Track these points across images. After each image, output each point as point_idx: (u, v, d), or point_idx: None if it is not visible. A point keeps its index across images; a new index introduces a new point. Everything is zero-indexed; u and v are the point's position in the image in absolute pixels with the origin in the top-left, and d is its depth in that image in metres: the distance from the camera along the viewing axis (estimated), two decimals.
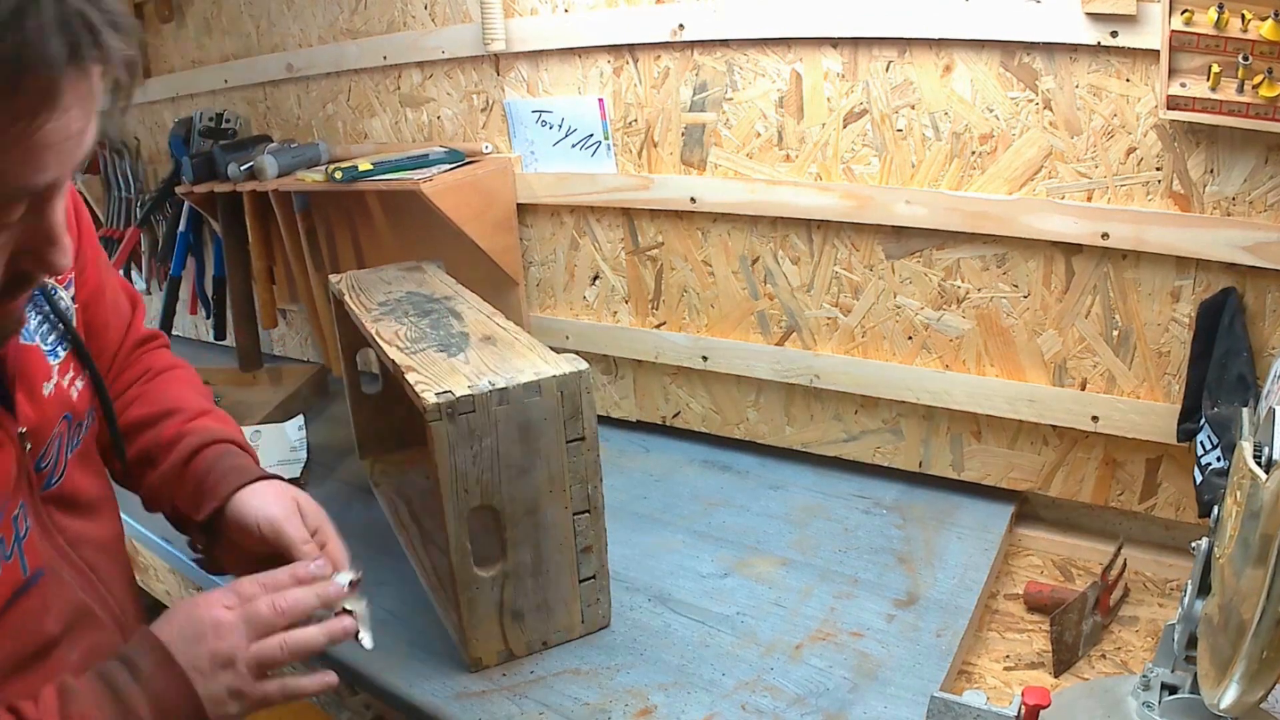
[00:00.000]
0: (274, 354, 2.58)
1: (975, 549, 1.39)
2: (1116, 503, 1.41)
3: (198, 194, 2.06)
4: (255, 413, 2.05)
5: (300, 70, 2.08)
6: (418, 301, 1.42)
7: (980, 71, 1.30)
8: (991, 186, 1.35)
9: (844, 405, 1.61)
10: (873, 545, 1.42)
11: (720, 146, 1.56)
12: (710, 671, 1.16)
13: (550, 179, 1.77)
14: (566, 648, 1.22)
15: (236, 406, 2.14)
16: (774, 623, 1.25)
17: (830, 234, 1.51)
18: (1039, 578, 1.40)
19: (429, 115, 1.91)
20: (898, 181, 1.42)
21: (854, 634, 1.22)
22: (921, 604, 1.27)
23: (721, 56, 1.50)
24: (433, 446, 1.06)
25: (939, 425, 1.53)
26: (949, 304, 1.44)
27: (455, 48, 1.77)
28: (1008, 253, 1.37)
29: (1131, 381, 1.33)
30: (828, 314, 1.56)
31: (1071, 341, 1.36)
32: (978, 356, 1.45)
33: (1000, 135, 1.32)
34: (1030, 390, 1.40)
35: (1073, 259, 1.32)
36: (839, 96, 1.42)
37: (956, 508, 1.51)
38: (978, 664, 1.23)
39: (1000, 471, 1.50)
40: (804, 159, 1.48)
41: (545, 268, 1.87)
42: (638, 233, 1.72)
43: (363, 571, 0.98)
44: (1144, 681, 1.03)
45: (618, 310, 1.81)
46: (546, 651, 1.21)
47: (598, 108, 1.66)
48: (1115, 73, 1.21)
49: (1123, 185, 1.25)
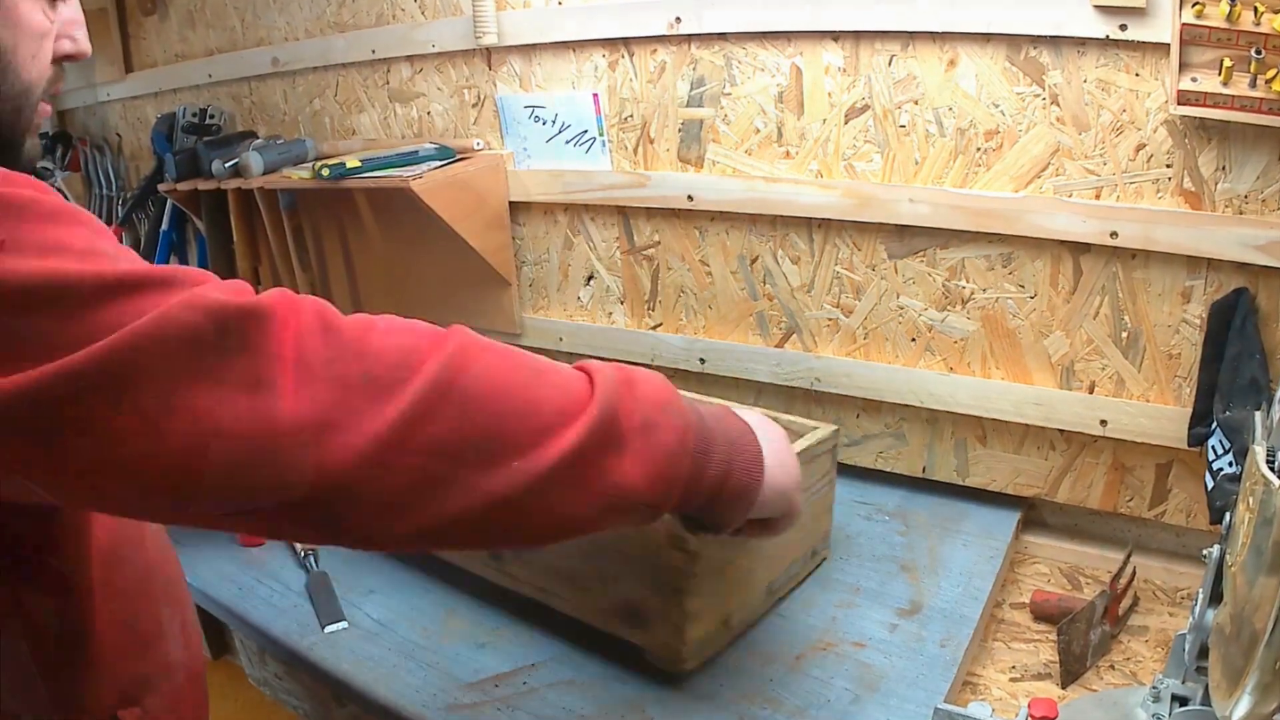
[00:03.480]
0: None
1: (980, 556, 1.39)
2: (1125, 509, 1.41)
3: (181, 192, 2.05)
4: None
5: (286, 65, 2.08)
6: None
7: (986, 66, 1.31)
8: (997, 184, 1.35)
9: (845, 409, 1.61)
10: (875, 553, 1.42)
11: (718, 143, 1.56)
12: (709, 683, 1.15)
13: (543, 176, 1.77)
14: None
15: None
16: (774, 633, 1.25)
17: (831, 233, 1.51)
18: (1046, 586, 1.40)
19: (419, 111, 1.91)
20: (901, 179, 1.42)
21: (856, 644, 1.21)
22: (925, 613, 1.27)
23: (719, 50, 1.50)
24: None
25: (943, 429, 1.53)
26: (953, 305, 1.45)
27: (446, 41, 1.77)
28: (1014, 252, 1.37)
29: (1141, 384, 1.34)
30: (829, 315, 1.56)
31: (1079, 343, 1.37)
32: (983, 359, 1.45)
33: (1006, 131, 1.32)
34: (1037, 393, 1.40)
35: (1080, 258, 1.32)
36: (840, 91, 1.42)
37: (961, 514, 1.51)
38: (983, 675, 1.23)
39: (1006, 477, 1.50)
40: (804, 156, 1.48)
41: (538, 267, 1.87)
42: (633, 231, 1.72)
43: None
44: (1154, 693, 1.03)
45: (613, 311, 1.81)
46: (540, 664, 1.21)
47: (592, 103, 1.66)
48: (1124, 67, 1.21)
49: (1132, 183, 1.25)
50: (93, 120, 2.74)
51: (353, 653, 1.25)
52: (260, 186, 1.90)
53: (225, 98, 2.29)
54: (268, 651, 1.42)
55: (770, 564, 1.26)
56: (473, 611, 1.33)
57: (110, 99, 2.60)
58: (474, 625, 1.30)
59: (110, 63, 2.50)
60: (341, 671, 1.21)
